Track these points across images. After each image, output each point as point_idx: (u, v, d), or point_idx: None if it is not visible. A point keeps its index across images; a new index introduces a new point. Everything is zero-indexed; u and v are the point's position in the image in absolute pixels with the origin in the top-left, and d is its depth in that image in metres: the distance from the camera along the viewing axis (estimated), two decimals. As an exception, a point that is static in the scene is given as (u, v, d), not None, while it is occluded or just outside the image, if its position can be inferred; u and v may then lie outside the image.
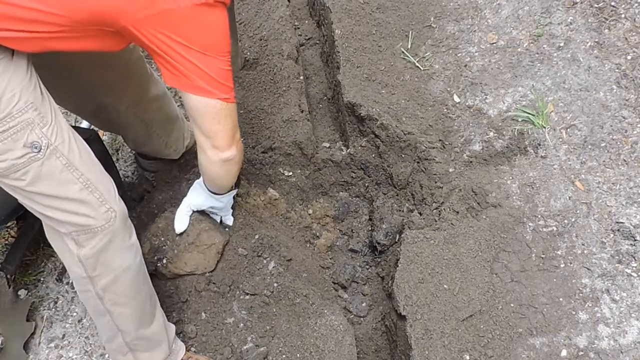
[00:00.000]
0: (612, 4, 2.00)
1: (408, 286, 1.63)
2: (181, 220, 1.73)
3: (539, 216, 1.72)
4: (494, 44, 2.09)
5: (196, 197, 1.70)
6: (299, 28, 2.60)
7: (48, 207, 1.23)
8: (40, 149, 1.15)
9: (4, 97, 1.10)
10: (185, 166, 2.06)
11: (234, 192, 1.75)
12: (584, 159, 1.78)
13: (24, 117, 1.12)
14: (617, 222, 1.66)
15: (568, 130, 1.84)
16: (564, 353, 1.50)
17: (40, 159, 1.16)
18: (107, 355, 1.78)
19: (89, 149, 1.30)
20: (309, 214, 2.15)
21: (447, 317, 1.57)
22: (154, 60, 1.20)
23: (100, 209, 1.26)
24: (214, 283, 1.79)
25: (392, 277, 1.75)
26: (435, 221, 1.84)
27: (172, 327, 1.63)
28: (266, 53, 2.30)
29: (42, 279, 1.98)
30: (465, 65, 2.07)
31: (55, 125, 1.18)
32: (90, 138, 1.75)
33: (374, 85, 2.08)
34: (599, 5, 2.02)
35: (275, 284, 1.79)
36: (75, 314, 1.91)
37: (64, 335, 1.87)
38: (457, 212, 1.80)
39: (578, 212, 1.70)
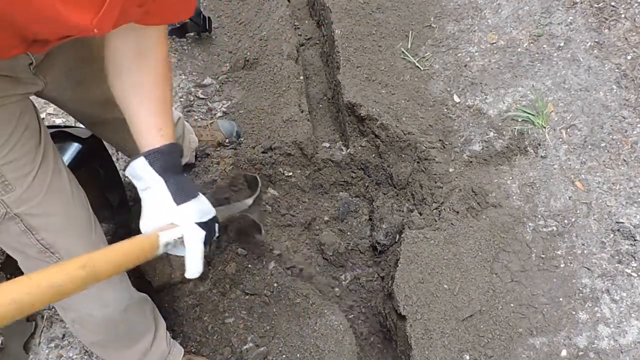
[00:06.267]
0: (612, 4, 2.00)
1: (408, 286, 1.63)
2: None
3: (539, 216, 1.71)
4: (494, 44, 2.09)
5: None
6: (299, 28, 2.60)
7: (7, 249, 1.20)
8: None
9: None
10: (184, 166, 2.06)
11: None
12: (584, 159, 1.78)
13: None
14: (617, 222, 1.66)
15: (568, 130, 1.84)
16: (564, 353, 1.50)
17: None
18: (107, 355, 1.78)
19: (74, 208, 1.22)
20: (309, 214, 2.15)
21: (447, 317, 1.57)
22: None
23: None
24: (214, 283, 1.79)
25: (392, 277, 1.75)
26: (435, 221, 1.84)
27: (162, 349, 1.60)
28: (266, 53, 2.30)
29: (42, 279, 1.98)
30: (465, 65, 2.07)
31: (25, 191, 1.10)
32: (91, 141, 1.75)
33: (374, 85, 2.08)
34: (599, 5, 2.02)
35: (275, 284, 1.79)
36: (75, 314, 1.91)
37: (64, 335, 1.86)
38: (457, 212, 1.80)
39: (578, 212, 1.70)
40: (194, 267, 1.06)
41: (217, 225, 1.15)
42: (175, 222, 1.05)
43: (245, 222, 1.72)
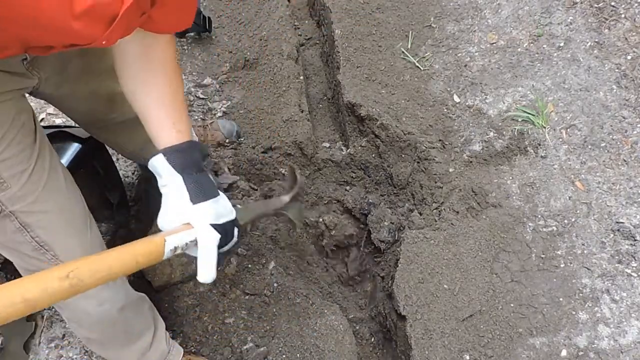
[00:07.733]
0: (612, 4, 2.00)
1: (408, 286, 1.63)
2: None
3: (539, 216, 1.71)
4: (494, 44, 2.09)
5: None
6: (299, 28, 2.60)
7: (2, 250, 1.20)
8: None
9: None
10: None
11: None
12: (584, 159, 1.78)
13: None
14: (617, 222, 1.66)
15: (568, 130, 1.84)
16: (564, 353, 1.50)
17: None
18: (107, 355, 1.78)
19: (70, 206, 1.21)
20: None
21: (447, 317, 1.57)
22: None
23: (49, 266, 1.22)
24: (214, 283, 1.79)
25: (392, 277, 1.75)
26: (435, 221, 1.84)
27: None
28: (266, 53, 2.30)
29: (42, 279, 1.98)
30: (465, 65, 2.07)
31: (21, 189, 1.10)
32: (91, 141, 1.75)
33: (374, 85, 2.08)
34: (599, 5, 2.02)
35: (275, 284, 1.79)
36: (75, 314, 1.91)
37: (64, 335, 1.86)
38: (457, 212, 1.80)
39: (578, 212, 1.70)
40: (205, 272, 1.02)
41: (236, 229, 1.10)
42: (190, 223, 1.02)
43: (282, 220, 1.67)
